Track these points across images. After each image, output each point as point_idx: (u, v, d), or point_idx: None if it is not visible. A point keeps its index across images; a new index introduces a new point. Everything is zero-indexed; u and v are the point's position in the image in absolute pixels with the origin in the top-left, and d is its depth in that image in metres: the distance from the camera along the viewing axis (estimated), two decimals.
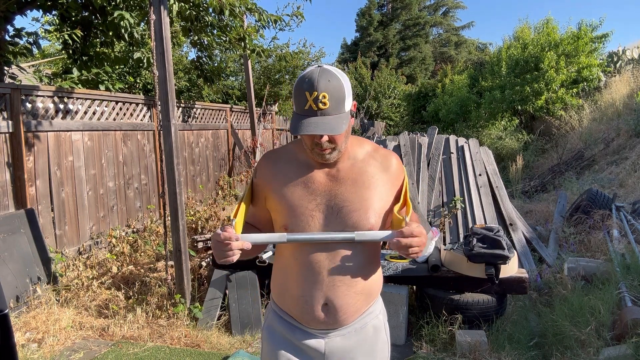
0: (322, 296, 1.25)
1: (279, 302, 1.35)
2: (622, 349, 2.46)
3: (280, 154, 1.35)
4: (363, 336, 1.32)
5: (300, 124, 1.14)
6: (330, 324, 1.27)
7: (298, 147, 1.33)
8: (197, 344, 3.10)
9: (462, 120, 13.41)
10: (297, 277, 1.26)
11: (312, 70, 1.16)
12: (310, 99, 1.12)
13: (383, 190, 1.29)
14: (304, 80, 1.14)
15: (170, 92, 3.42)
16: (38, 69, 7.10)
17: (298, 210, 1.24)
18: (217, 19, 5.34)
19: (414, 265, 3.24)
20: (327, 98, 1.12)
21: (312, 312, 1.26)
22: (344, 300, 1.26)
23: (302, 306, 1.26)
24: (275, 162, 1.33)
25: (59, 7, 4.69)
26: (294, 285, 1.27)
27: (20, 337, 3.05)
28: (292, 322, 1.31)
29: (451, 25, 31.48)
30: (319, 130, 1.13)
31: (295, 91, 1.15)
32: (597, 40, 11.08)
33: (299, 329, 1.30)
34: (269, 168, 1.32)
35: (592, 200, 4.96)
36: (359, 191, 1.26)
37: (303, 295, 1.26)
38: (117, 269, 4.02)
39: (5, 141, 3.77)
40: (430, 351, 2.94)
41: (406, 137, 5.16)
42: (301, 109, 1.15)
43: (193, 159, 6.49)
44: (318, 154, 1.22)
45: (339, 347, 1.29)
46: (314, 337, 1.29)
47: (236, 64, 10.58)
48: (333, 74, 1.15)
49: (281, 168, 1.30)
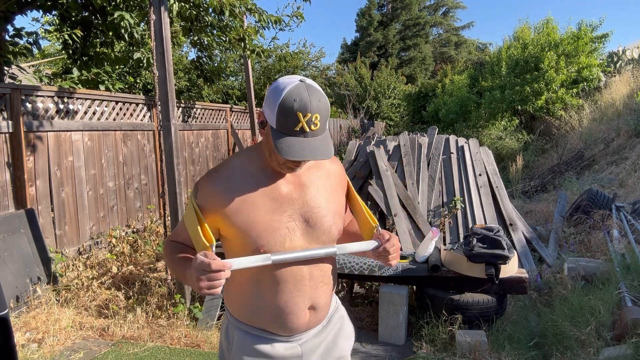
0: (307, 301, 1.22)
1: (249, 320, 1.24)
2: (622, 349, 2.45)
3: (227, 174, 1.20)
4: (332, 325, 1.35)
5: (293, 147, 1.06)
6: (311, 325, 1.27)
7: (246, 159, 1.23)
8: (197, 344, 3.10)
9: (462, 120, 13.41)
10: (276, 289, 1.19)
11: (297, 86, 1.06)
12: (303, 120, 1.05)
13: (339, 190, 1.32)
14: (293, 99, 1.05)
15: (170, 92, 3.42)
16: (38, 69, 7.10)
17: (272, 226, 1.15)
18: (217, 19, 5.34)
19: (414, 265, 3.24)
20: (318, 119, 1.07)
21: (297, 320, 1.22)
22: (326, 299, 1.28)
23: (285, 317, 1.21)
24: (224, 183, 1.18)
25: (59, 7, 4.70)
26: (272, 298, 1.19)
27: (20, 337, 3.05)
28: (267, 336, 1.24)
29: (451, 25, 31.50)
30: (316, 156, 1.07)
31: (282, 109, 1.05)
32: (597, 40, 11.09)
33: (276, 341, 1.25)
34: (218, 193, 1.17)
35: (592, 200, 4.96)
36: (324, 195, 1.24)
37: (286, 305, 1.20)
38: (117, 269, 4.03)
39: (5, 141, 3.77)
40: (430, 351, 2.94)
41: (406, 137, 5.16)
42: (290, 129, 1.06)
43: (193, 159, 6.49)
44: (288, 168, 1.16)
45: (312, 345, 1.29)
46: (289, 343, 1.26)
47: (236, 64, 10.60)
48: (320, 92, 1.09)
49: (235, 188, 1.17)
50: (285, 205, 1.18)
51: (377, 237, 1.23)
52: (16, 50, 4.73)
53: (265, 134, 1.15)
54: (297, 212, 1.19)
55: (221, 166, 1.24)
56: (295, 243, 1.18)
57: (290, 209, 1.18)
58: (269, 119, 1.10)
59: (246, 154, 1.25)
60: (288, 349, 1.25)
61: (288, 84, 1.08)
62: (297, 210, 1.19)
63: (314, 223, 1.20)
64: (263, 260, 1.10)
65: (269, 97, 1.10)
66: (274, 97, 1.08)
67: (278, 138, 1.07)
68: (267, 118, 1.11)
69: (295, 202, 1.20)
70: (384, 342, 3.18)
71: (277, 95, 1.07)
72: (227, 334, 1.30)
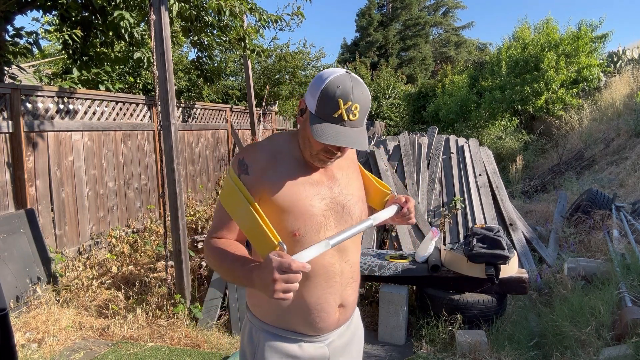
0: (338, 298, 1.20)
1: (276, 322, 1.20)
2: (622, 349, 2.45)
3: (272, 148, 1.18)
4: (353, 325, 1.34)
5: (329, 132, 1.06)
6: (339, 324, 1.24)
7: (289, 143, 1.21)
8: (197, 344, 3.10)
9: (462, 120, 13.40)
10: (308, 287, 1.15)
11: (342, 75, 1.07)
12: (343, 107, 1.06)
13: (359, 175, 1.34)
14: (336, 85, 1.06)
15: (170, 92, 3.42)
16: (38, 69, 7.10)
17: (311, 211, 1.13)
18: (217, 19, 5.34)
19: (414, 265, 3.24)
20: (358, 110, 1.07)
21: (328, 319, 1.19)
22: (354, 296, 1.27)
23: (315, 315, 1.17)
24: (271, 156, 1.16)
25: (59, 7, 4.70)
26: (303, 296, 1.15)
27: (20, 337, 3.05)
28: (295, 337, 1.20)
29: (451, 25, 31.47)
30: (351, 144, 1.06)
31: (324, 95, 1.06)
32: (597, 40, 11.08)
33: (304, 341, 1.20)
34: (265, 163, 1.14)
35: (592, 200, 4.96)
36: (354, 183, 1.27)
37: (318, 303, 1.16)
38: (117, 269, 4.03)
39: (5, 141, 3.77)
40: (430, 351, 2.94)
41: (406, 137, 5.16)
42: (329, 115, 1.07)
43: (193, 159, 6.49)
44: (320, 160, 1.15)
45: (338, 345, 1.26)
46: (317, 343, 1.22)
47: (236, 64, 10.58)
48: (363, 85, 1.10)
49: (279, 164, 1.15)
50: (324, 193, 1.17)
51: (395, 201, 1.26)
52: (16, 50, 4.73)
53: (302, 122, 1.15)
54: (333, 201, 1.18)
55: (266, 140, 1.21)
56: (329, 232, 1.16)
57: (328, 198, 1.18)
58: (309, 105, 1.11)
59: (288, 136, 1.23)
60: (316, 349, 1.21)
61: (333, 72, 1.09)
62: (334, 199, 1.19)
63: (348, 211, 1.20)
64: (324, 247, 1.03)
65: (312, 84, 1.11)
66: (317, 83, 1.09)
67: (315, 123, 1.08)
68: (307, 104, 1.12)
69: (331, 191, 1.19)
70: (384, 342, 3.18)
71: (321, 82, 1.08)
72: (250, 337, 1.24)
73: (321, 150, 1.12)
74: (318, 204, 1.15)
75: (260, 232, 1.04)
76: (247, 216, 1.07)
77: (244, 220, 1.09)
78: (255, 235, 1.06)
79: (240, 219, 1.10)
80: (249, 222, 1.07)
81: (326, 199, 1.17)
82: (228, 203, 1.13)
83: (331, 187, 1.19)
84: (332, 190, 1.19)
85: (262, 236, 1.04)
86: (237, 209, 1.10)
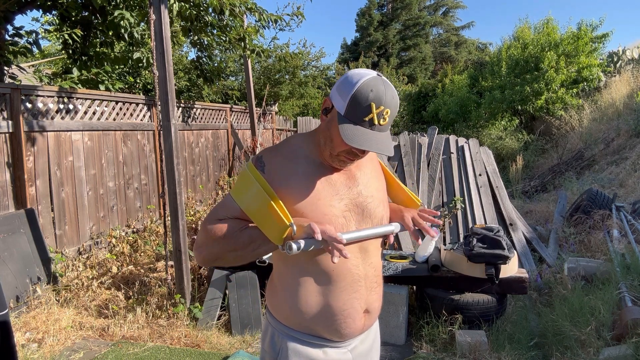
0: (363, 304, 1.18)
1: (301, 326, 1.17)
2: (622, 349, 2.45)
3: (289, 151, 1.17)
4: (373, 332, 1.33)
5: (358, 135, 1.04)
6: (364, 329, 1.23)
7: (305, 144, 1.19)
8: (197, 344, 3.10)
9: (462, 120, 13.40)
10: (333, 291, 1.14)
11: (375, 79, 1.05)
12: (375, 112, 1.04)
13: (381, 177, 1.31)
14: (369, 89, 1.03)
15: (170, 92, 3.42)
16: (38, 69, 7.09)
17: (331, 212, 1.11)
18: (217, 19, 5.34)
19: (414, 265, 3.24)
20: (388, 115, 1.06)
21: (354, 324, 1.17)
22: (379, 301, 1.25)
23: (342, 320, 1.15)
24: (288, 159, 1.14)
25: (59, 7, 4.70)
26: (329, 301, 1.14)
27: (20, 337, 3.05)
28: (319, 342, 1.18)
29: (451, 25, 31.46)
30: (380, 149, 1.04)
31: (356, 98, 1.03)
32: (597, 40, 11.08)
33: (328, 347, 1.18)
34: (282, 165, 1.13)
35: (592, 200, 4.96)
36: (374, 183, 1.24)
37: (344, 308, 1.14)
38: (117, 269, 4.02)
39: (5, 141, 3.77)
40: (430, 351, 2.94)
41: (406, 137, 5.16)
42: (360, 119, 1.04)
43: (193, 159, 6.49)
44: (340, 161, 1.13)
45: (360, 351, 1.25)
46: (341, 349, 1.20)
47: (236, 64, 10.59)
48: (394, 89, 1.08)
49: (299, 167, 1.13)
50: (343, 193, 1.15)
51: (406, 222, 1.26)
52: (16, 50, 4.73)
53: (327, 121, 1.12)
54: (353, 201, 1.16)
55: (283, 143, 1.20)
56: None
57: (347, 198, 1.15)
58: (337, 106, 1.08)
59: (304, 138, 1.21)
60: (340, 355, 1.20)
61: (365, 74, 1.06)
62: (353, 200, 1.16)
63: (369, 213, 1.18)
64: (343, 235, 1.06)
65: (341, 83, 1.08)
66: (347, 84, 1.06)
67: (344, 124, 1.05)
68: (335, 104, 1.09)
69: (351, 191, 1.17)
70: (384, 342, 3.18)
71: (353, 84, 1.05)
72: (272, 343, 1.21)
73: (344, 152, 1.10)
74: (338, 205, 1.13)
75: (270, 212, 1.03)
76: (257, 196, 1.07)
77: (253, 201, 1.07)
78: (264, 216, 1.05)
79: (248, 200, 1.09)
80: (259, 202, 1.06)
81: (345, 200, 1.15)
82: (238, 190, 1.12)
83: (350, 187, 1.17)
84: (351, 190, 1.17)
85: (272, 216, 1.03)
86: (247, 191, 1.09)
